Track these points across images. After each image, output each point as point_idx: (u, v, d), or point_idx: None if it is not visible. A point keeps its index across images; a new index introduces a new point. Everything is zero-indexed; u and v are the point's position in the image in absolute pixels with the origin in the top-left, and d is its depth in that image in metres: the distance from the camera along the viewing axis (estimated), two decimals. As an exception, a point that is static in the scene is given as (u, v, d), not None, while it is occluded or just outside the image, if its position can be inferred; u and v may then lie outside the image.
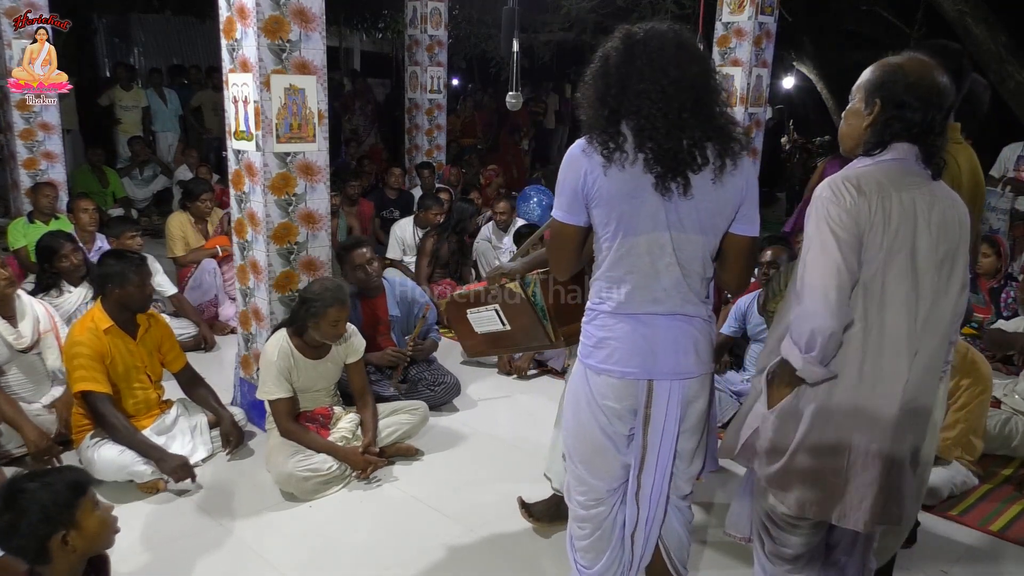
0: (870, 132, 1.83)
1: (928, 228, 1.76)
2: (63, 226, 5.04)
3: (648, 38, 1.85)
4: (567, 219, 1.97)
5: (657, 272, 1.91)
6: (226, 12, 3.41)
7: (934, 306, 1.80)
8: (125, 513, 2.91)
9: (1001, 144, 6.18)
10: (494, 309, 2.54)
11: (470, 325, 2.67)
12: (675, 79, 1.81)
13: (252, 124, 3.37)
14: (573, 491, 2.18)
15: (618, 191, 1.87)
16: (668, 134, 1.82)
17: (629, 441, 2.05)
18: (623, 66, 1.85)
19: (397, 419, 3.49)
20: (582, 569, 2.21)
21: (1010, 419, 3.61)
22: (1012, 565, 2.86)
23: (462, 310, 2.66)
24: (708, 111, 1.86)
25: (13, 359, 3.32)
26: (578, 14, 9.32)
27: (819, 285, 1.74)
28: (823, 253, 1.74)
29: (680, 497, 2.16)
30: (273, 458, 3.16)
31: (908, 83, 1.77)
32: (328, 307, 3.18)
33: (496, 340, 2.66)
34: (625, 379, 1.96)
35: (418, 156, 8.12)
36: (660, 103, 1.81)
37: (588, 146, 1.89)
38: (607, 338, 1.97)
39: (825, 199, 1.77)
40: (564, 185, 1.95)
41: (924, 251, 1.76)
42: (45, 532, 1.90)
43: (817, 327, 1.73)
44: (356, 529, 2.94)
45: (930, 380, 1.85)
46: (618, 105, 1.86)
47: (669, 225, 1.88)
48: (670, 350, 1.95)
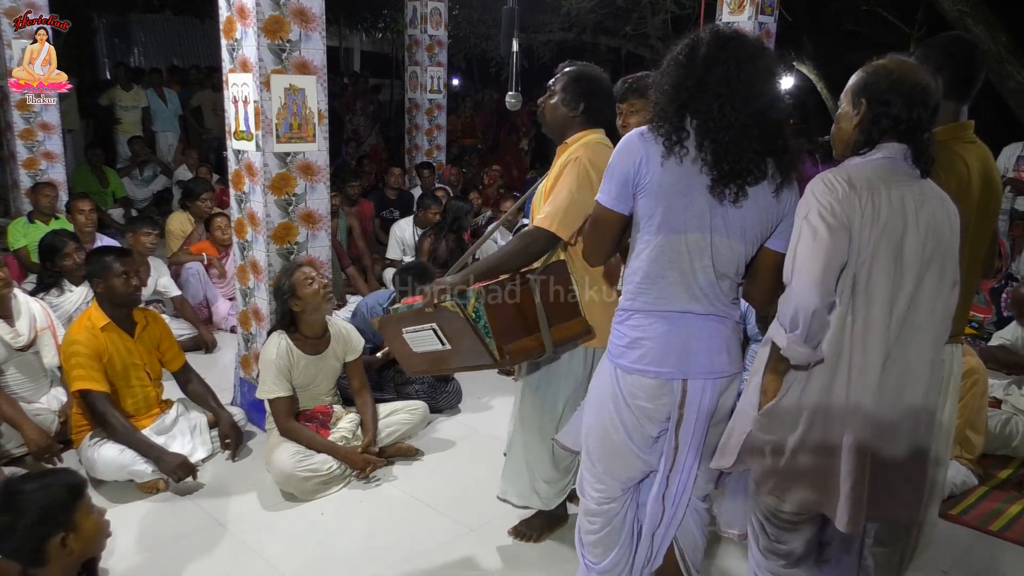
0: (858, 132, 1.85)
1: (916, 226, 1.78)
2: (63, 226, 5.04)
3: (741, 46, 1.86)
4: (613, 206, 1.95)
5: (695, 272, 1.91)
6: (226, 12, 3.41)
7: (917, 302, 1.80)
8: (125, 513, 2.92)
9: (1001, 144, 6.18)
10: (431, 328, 2.29)
11: (407, 344, 2.41)
12: (756, 94, 1.83)
13: (252, 124, 3.37)
14: (588, 487, 2.17)
15: (670, 185, 1.86)
16: (734, 142, 1.83)
17: (653, 442, 2.04)
18: (710, 64, 1.85)
19: (397, 419, 3.49)
20: (589, 564, 2.21)
21: (1011, 419, 3.62)
22: (1012, 565, 2.86)
23: (397, 328, 2.39)
24: (774, 131, 1.88)
25: (11, 358, 3.32)
26: (578, 14, 9.32)
27: (806, 267, 1.75)
28: (813, 240, 1.76)
29: (700, 498, 2.16)
30: (273, 458, 3.16)
31: (891, 81, 1.80)
32: (293, 274, 3.21)
33: (437, 360, 2.39)
34: (659, 379, 1.95)
35: (418, 156, 8.12)
36: (735, 111, 1.82)
37: (649, 134, 1.89)
38: (641, 338, 1.96)
39: (817, 191, 1.79)
40: (615, 170, 1.93)
41: (911, 248, 1.78)
42: (43, 534, 1.89)
43: (800, 304, 1.75)
44: (356, 529, 2.94)
45: (922, 377, 1.85)
46: (690, 99, 1.85)
47: (712, 228, 1.88)
48: (704, 349, 1.95)
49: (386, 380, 3.96)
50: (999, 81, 6.77)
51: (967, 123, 2.27)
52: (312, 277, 3.22)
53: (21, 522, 1.88)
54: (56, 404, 3.45)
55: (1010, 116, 7.10)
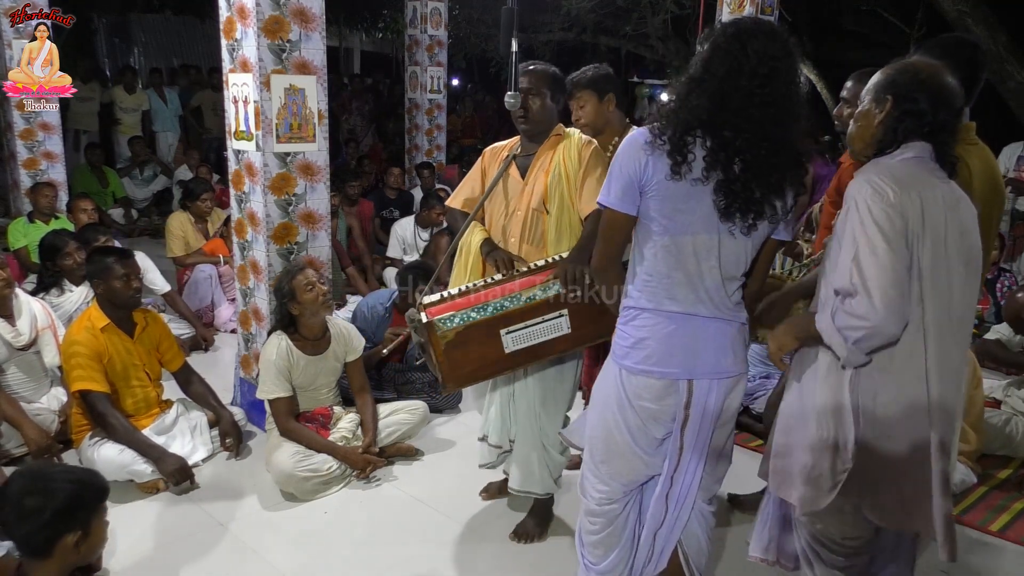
0: (881, 129, 1.82)
1: (956, 225, 1.77)
2: (63, 226, 5.04)
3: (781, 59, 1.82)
4: (619, 207, 1.91)
5: (701, 273, 1.89)
6: (226, 12, 3.41)
7: (962, 300, 1.80)
8: (125, 513, 2.93)
9: (1001, 144, 6.18)
10: (561, 315, 2.35)
11: (494, 348, 2.40)
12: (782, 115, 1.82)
13: (252, 124, 3.37)
14: (589, 487, 2.16)
15: (677, 189, 1.84)
16: (753, 174, 1.81)
17: (658, 444, 2.03)
18: (730, 73, 1.80)
19: (397, 419, 3.49)
20: (589, 565, 2.20)
21: (1011, 419, 3.61)
22: (1012, 565, 2.86)
23: (491, 331, 2.37)
24: (795, 156, 1.87)
25: (12, 357, 3.32)
26: (578, 14, 9.33)
27: (876, 286, 1.68)
28: (873, 253, 1.70)
29: (706, 501, 2.14)
30: (273, 458, 3.16)
31: (919, 79, 1.78)
32: (294, 278, 3.21)
33: (532, 353, 2.43)
34: (665, 379, 1.94)
35: (418, 156, 8.12)
36: (757, 137, 1.80)
37: (656, 143, 1.85)
38: (646, 339, 1.94)
39: (866, 196, 1.73)
40: (620, 172, 1.89)
41: (953, 247, 1.76)
42: (62, 528, 1.88)
43: (877, 329, 1.69)
44: (356, 529, 2.94)
45: (962, 374, 1.84)
46: (709, 119, 1.81)
47: (720, 229, 1.87)
48: (710, 349, 1.94)
49: (386, 380, 3.96)
50: (999, 81, 6.77)
51: (969, 125, 2.25)
52: (312, 282, 3.23)
53: (48, 508, 1.86)
54: (56, 404, 3.45)
55: (1010, 116, 7.11)
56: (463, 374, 2.47)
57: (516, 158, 2.78)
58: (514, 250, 2.69)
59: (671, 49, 9.86)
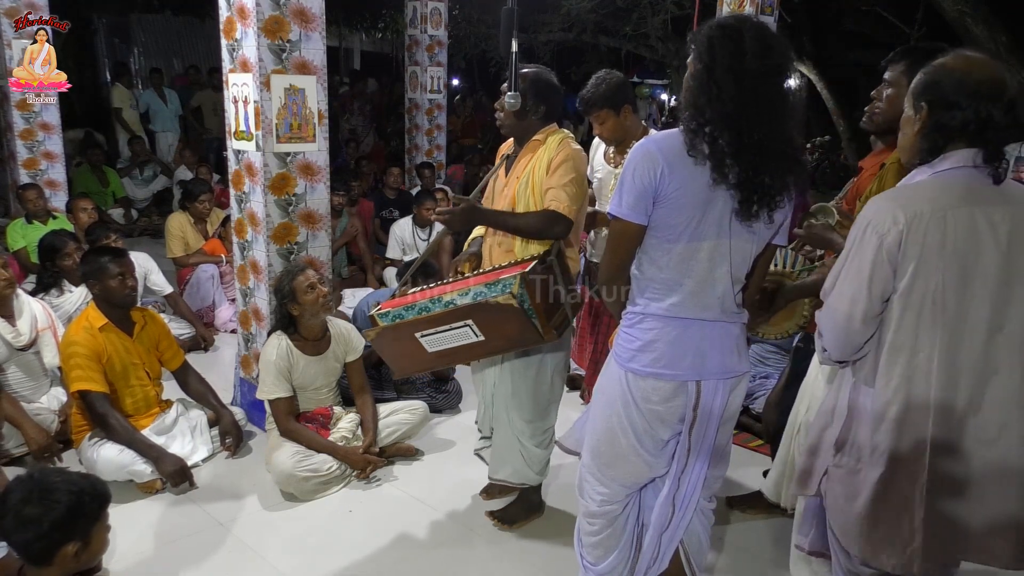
0: (920, 138, 1.72)
1: (996, 244, 1.64)
2: (62, 226, 5.04)
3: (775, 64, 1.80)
4: (631, 217, 1.88)
5: (714, 280, 1.89)
6: (226, 12, 3.41)
7: (1005, 325, 1.67)
8: (125, 513, 2.93)
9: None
10: (466, 325, 2.33)
11: (417, 347, 2.44)
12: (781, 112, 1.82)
13: (252, 124, 3.38)
14: (588, 489, 2.16)
15: (694, 195, 1.82)
16: (764, 168, 1.81)
17: (663, 446, 2.03)
18: (732, 75, 1.77)
19: (397, 419, 3.49)
20: (588, 566, 2.20)
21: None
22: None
23: (406, 333, 2.42)
24: (795, 148, 1.86)
25: (12, 357, 3.32)
26: (578, 14, 9.34)
27: (845, 309, 1.72)
28: (856, 276, 1.69)
29: (707, 499, 2.15)
30: (273, 458, 3.16)
31: (955, 80, 1.65)
32: (295, 278, 3.21)
33: (453, 355, 2.46)
34: (675, 381, 1.94)
35: (418, 156, 8.11)
36: (764, 134, 1.80)
37: (670, 142, 1.83)
38: (654, 341, 1.93)
39: (871, 222, 1.69)
40: (633, 182, 1.86)
41: (991, 269, 1.64)
42: (61, 539, 1.87)
43: (831, 349, 1.81)
44: (356, 529, 2.94)
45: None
46: (719, 118, 1.79)
47: (732, 233, 1.87)
48: (717, 350, 1.94)
49: (386, 380, 3.96)
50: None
51: None
52: (313, 284, 3.23)
53: (47, 519, 1.85)
54: (56, 404, 3.45)
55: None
56: (403, 365, 2.62)
57: (508, 158, 2.82)
58: (487, 249, 2.77)
59: (671, 49, 9.87)
